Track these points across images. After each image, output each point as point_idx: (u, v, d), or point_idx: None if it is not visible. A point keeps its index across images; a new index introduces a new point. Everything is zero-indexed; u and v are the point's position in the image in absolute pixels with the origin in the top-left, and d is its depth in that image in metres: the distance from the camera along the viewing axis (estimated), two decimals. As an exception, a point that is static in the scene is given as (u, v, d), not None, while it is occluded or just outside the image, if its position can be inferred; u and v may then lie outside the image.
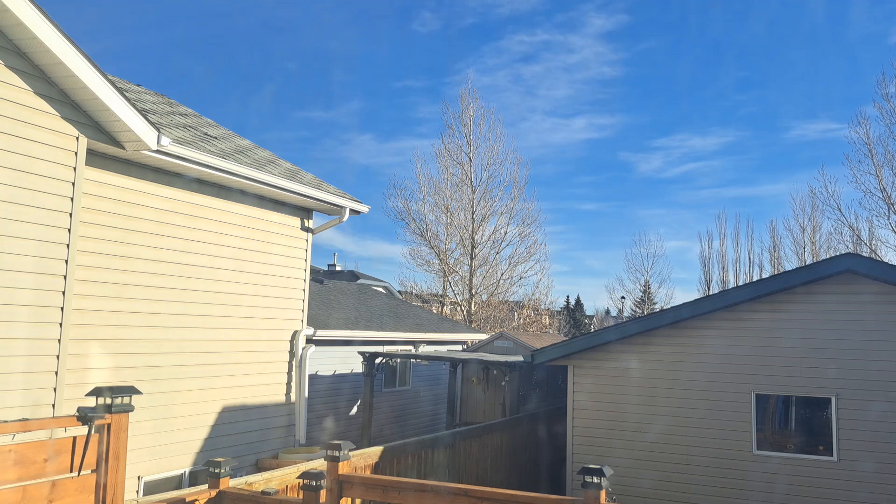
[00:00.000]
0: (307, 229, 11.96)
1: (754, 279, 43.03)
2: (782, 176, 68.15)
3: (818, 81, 60.63)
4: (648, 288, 48.38)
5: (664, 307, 41.17)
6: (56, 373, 7.20)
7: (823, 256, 39.82)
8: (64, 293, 7.29)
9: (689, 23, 63.72)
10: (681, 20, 64.42)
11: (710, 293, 42.29)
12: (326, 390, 14.82)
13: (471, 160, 35.17)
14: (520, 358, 16.32)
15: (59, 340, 7.25)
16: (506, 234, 35.38)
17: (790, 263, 41.84)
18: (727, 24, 63.52)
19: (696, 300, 12.09)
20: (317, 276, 20.02)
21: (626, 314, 48.53)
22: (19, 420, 5.55)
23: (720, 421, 11.20)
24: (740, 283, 41.45)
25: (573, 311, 62.94)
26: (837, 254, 15.34)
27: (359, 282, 27.11)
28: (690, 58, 65.69)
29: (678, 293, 58.20)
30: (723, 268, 46.94)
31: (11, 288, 6.89)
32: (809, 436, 10.91)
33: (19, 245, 6.94)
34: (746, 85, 66.44)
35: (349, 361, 15.71)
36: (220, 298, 10.24)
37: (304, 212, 11.87)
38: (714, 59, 66.92)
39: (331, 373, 15.11)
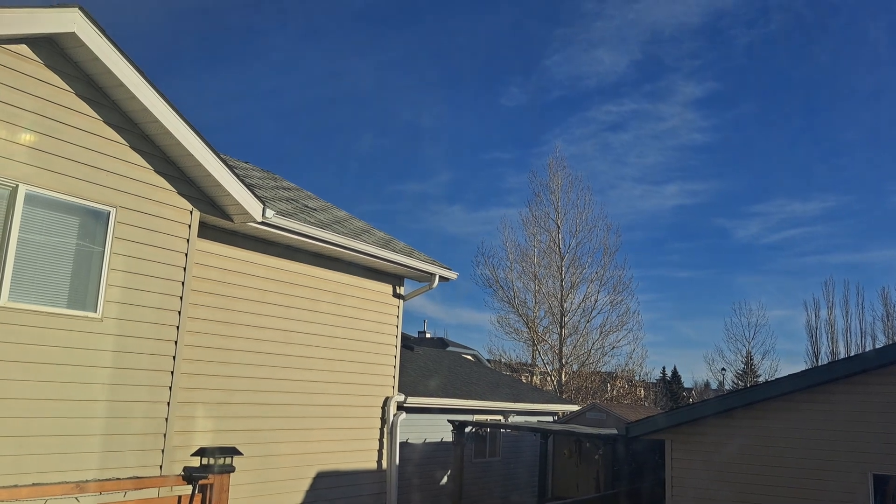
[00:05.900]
0: (398, 296, 12.21)
1: (866, 350, 40.27)
2: (893, 241, 64.22)
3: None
4: (751, 359, 45.91)
5: (768, 379, 38.97)
6: (164, 434, 7.57)
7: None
8: (174, 358, 7.72)
9: (783, 88, 62.32)
10: (773, 85, 63.05)
11: (819, 364, 39.79)
12: (416, 458, 14.74)
13: (559, 227, 35.08)
14: (613, 431, 15.78)
15: (168, 403, 7.64)
16: (596, 301, 34.68)
17: (906, 334, 39.02)
18: (822, 87, 61.79)
19: (804, 371, 11.45)
20: (407, 343, 20.18)
21: (727, 387, 46.12)
22: (131, 478, 5.85)
23: (835, 503, 10.38)
24: (851, 354, 38.83)
25: (670, 383, 60.26)
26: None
27: (448, 349, 27.15)
28: (786, 122, 63.86)
29: (783, 365, 55.02)
30: (832, 338, 44.30)
31: (135, 353, 7.38)
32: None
33: (141, 313, 7.46)
34: (848, 148, 63.83)
35: (438, 430, 15.62)
36: (316, 364, 10.51)
37: (395, 279, 12.15)
38: (811, 122, 64.84)
39: (420, 441, 15.05)
